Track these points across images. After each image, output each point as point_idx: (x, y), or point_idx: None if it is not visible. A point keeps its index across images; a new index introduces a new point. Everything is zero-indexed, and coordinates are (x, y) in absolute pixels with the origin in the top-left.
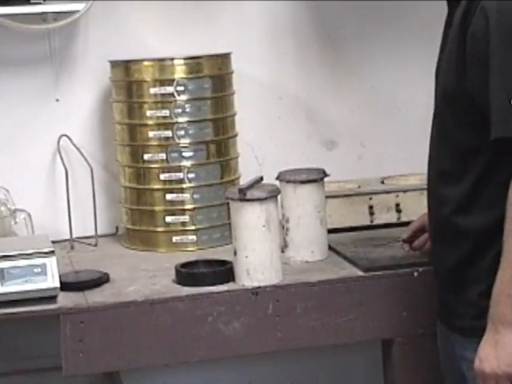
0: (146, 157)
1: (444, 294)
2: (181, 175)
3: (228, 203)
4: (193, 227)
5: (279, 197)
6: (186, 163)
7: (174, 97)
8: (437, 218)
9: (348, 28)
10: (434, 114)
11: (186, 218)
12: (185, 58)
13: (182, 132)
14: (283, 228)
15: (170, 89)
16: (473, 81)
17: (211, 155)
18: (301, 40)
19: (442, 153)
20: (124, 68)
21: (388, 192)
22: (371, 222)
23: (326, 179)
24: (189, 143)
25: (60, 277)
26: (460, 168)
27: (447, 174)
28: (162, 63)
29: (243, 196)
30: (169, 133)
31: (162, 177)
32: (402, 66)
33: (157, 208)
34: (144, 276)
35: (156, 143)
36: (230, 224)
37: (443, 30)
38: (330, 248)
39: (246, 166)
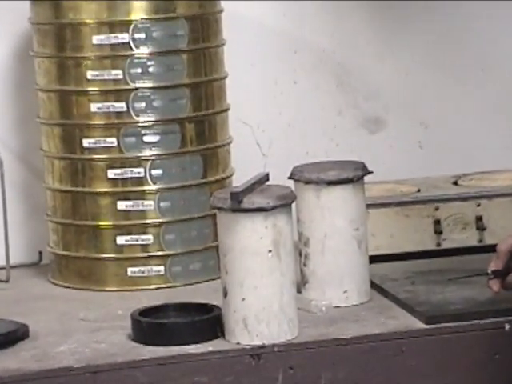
0: (86, 143)
1: None
2: (140, 172)
3: (215, 215)
4: (159, 253)
5: (294, 206)
6: (149, 153)
7: (131, 49)
8: None
9: None
10: None
11: (148, 238)
12: None
13: (143, 104)
14: (300, 255)
15: (123, 37)
16: None
17: (188, 141)
18: None
19: None
20: (52, 5)
21: (464, 199)
22: (438, 245)
23: (367, 178)
24: (153, 122)
25: None
26: None
27: None
28: None
29: (238, 204)
30: (122, 106)
31: (112, 174)
32: (488, 2)
33: (103, 223)
34: (83, 329)
35: (102, 122)
36: (217, 248)
37: None
38: (374, 286)
39: (243, 157)
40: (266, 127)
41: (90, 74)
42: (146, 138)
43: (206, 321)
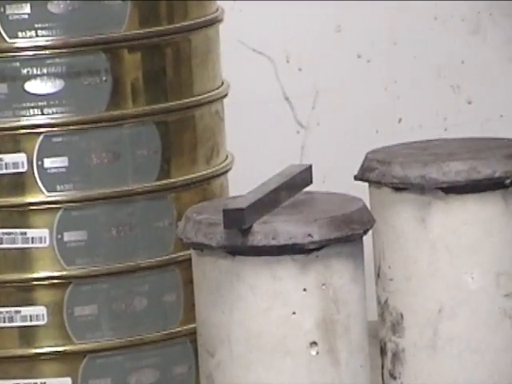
0: None
1: None
2: (20, 163)
3: (186, 262)
4: (63, 347)
5: (369, 239)
6: (40, 120)
7: None
8: None
9: None
10: None
11: (36, 313)
12: None
13: (26, 7)
14: (383, 352)
15: None
16: None
17: (128, 91)
18: None
19: None
20: None
21: None
22: None
23: None
24: (48, 46)
25: None
26: None
27: None
28: None
29: (241, 237)
30: None
31: None
32: None
33: None
34: None
35: None
36: (192, 336)
37: None
38: None
39: (254, 130)
40: (305, 61)
41: None
42: (32, 86)
43: None
